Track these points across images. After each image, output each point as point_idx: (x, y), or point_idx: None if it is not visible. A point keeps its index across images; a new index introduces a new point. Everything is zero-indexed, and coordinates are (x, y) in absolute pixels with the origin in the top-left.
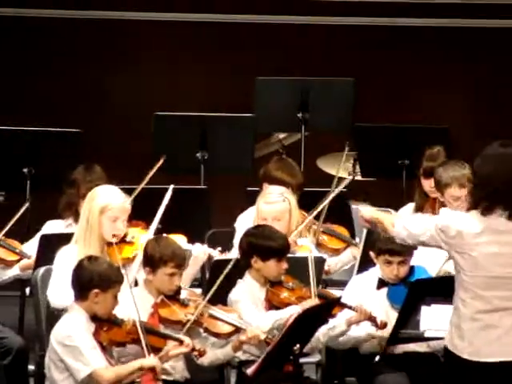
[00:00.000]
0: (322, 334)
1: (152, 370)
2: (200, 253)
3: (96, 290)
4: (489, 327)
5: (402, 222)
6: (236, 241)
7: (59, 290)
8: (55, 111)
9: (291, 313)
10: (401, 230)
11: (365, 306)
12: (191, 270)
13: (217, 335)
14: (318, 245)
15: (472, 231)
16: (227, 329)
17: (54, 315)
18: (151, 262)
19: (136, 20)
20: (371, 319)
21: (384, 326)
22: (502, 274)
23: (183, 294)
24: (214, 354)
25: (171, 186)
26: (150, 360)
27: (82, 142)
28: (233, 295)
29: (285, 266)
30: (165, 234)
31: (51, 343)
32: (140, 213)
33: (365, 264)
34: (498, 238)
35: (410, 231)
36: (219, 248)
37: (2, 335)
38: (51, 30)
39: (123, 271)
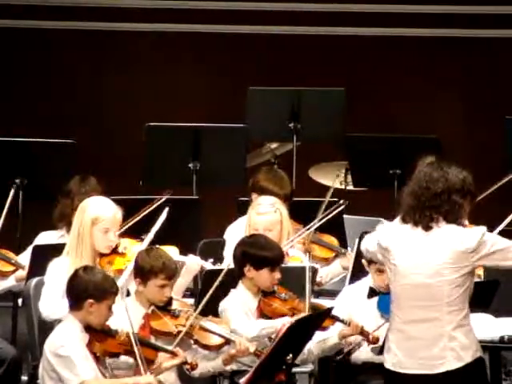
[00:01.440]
0: (314, 346)
1: None
2: (193, 264)
3: (90, 301)
4: (412, 338)
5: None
6: (226, 252)
7: (50, 302)
8: (48, 122)
9: (279, 323)
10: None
11: (356, 317)
12: (184, 281)
13: (207, 347)
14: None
15: (396, 242)
16: (217, 341)
17: (47, 326)
18: (141, 273)
19: (130, 31)
20: (363, 333)
21: (376, 340)
22: (423, 283)
23: (174, 305)
24: (204, 366)
25: (166, 209)
26: (146, 378)
27: (76, 153)
28: (223, 303)
29: (278, 276)
30: (156, 246)
31: (45, 353)
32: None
33: (357, 273)
34: (418, 248)
35: (367, 248)
36: (211, 260)
37: None
38: (44, 41)
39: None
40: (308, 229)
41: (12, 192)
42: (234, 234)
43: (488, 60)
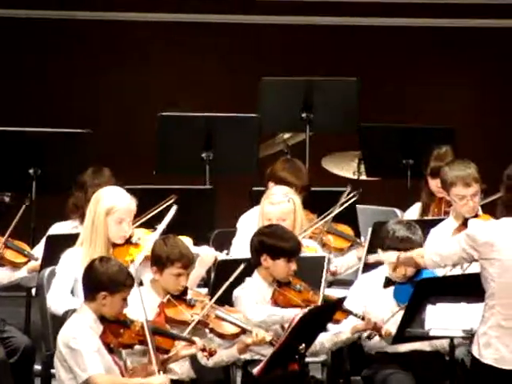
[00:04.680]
0: (326, 339)
1: None
2: (207, 255)
3: (104, 293)
4: None
5: (432, 250)
6: (236, 240)
7: (58, 297)
8: (60, 112)
9: (288, 313)
10: (432, 257)
11: (371, 307)
12: (197, 272)
13: (222, 336)
14: (323, 245)
15: (502, 238)
16: (232, 330)
17: (60, 316)
18: (158, 261)
19: (142, 21)
20: (376, 328)
21: (388, 335)
22: None
23: (190, 295)
24: (219, 355)
25: (174, 206)
26: (159, 379)
27: (89, 143)
28: (237, 291)
29: (294, 267)
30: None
31: (58, 343)
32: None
33: (369, 264)
34: None
35: (441, 255)
36: (226, 251)
37: (9, 335)
38: (56, 31)
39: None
40: (322, 219)
41: (34, 186)
42: (247, 223)
43: (502, 49)
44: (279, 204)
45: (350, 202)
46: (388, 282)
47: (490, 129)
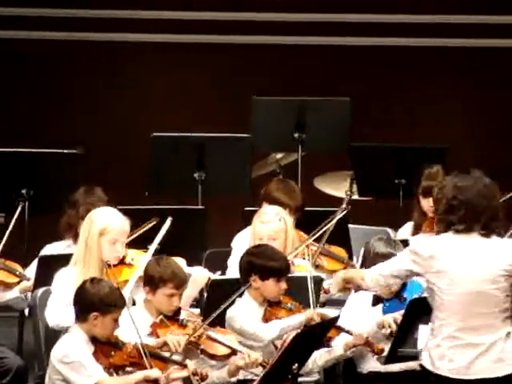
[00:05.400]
0: (319, 356)
1: (155, 382)
2: (200, 276)
3: (95, 313)
4: (469, 345)
5: (373, 270)
6: (231, 260)
7: (56, 311)
8: (53, 132)
9: (295, 321)
10: (373, 277)
11: (362, 326)
12: (190, 292)
13: (213, 357)
14: (316, 266)
15: (447, 251)
16: (224, 351)
17: (53, 335)
18: (151, 281)
19: (136, 42)
20: (368, 344)
21: (381, 351)
22: (479, 290)
23: (183, 315)
24: (210, 376)
25: (169, 218)
26: (155, 372)
27: (81, 163)
28: (230, 312)
29: (284, 286)
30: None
31: (51, 363)
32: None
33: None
34: (474, 256)
35: (382, 273)
36: (219, 272)
37: (2, 355)
38: (50, 52)
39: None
40: (313, 235)
41: (19, 208)
42: (242, 242)
43: (497, 70)
44: (270, 223)
45: (338, 217)
46: (376, 300)
47: (483, 148)
